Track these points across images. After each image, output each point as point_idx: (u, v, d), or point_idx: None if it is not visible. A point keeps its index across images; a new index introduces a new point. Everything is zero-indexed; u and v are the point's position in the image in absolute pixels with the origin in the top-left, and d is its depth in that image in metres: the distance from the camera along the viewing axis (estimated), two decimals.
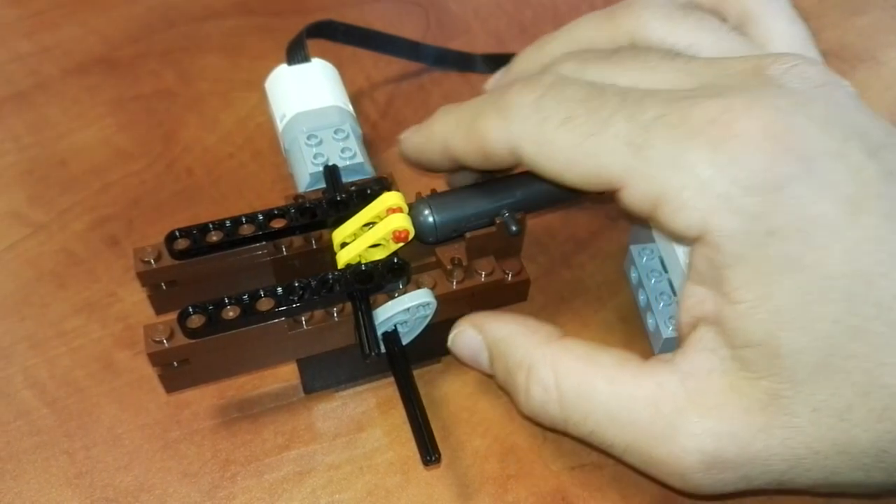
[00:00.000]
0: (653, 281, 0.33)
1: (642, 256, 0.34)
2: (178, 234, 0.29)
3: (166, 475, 0.30)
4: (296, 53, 0.39)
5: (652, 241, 0.34)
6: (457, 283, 0.30)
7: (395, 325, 0.29)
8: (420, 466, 0.30)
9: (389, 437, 0.31)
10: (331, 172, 0.33)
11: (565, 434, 0.27)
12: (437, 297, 0.29)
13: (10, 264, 0.36)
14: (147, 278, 0.29)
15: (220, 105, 0.44)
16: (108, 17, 0.49)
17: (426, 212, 0.30)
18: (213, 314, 0.27)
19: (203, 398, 0.32)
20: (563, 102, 0.25)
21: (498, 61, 0.42)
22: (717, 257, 0.23)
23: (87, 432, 0.31)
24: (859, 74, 0.47)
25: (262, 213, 0.30)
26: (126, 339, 0.33)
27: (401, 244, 0.29)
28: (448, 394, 0.32)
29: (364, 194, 0.31)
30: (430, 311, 0.30)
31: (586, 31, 0.30)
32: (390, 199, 0.30)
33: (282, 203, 0.31)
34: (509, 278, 0.31)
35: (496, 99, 0.27)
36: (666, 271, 0.33)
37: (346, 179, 0.33)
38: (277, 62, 0.40)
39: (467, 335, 0.29)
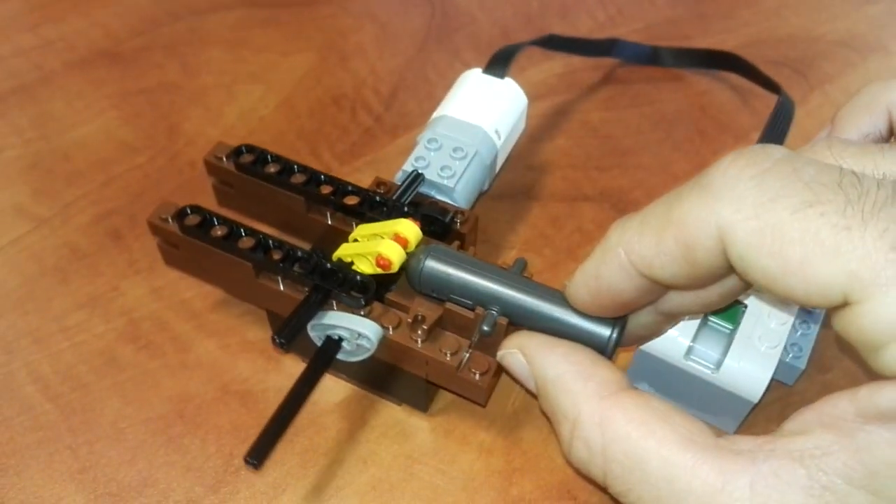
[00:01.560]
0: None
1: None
2: (244, 149, 0.33)
3: (170, 470, 0.29)
4: (496, 65, 0.38)
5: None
6: (418, 340, 0.28)
7: (339, 337, 0.28)
8: (424, 460, 0.30)
9: (394, 431, 0.30)
10: (411, 179, 0.32)
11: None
12: (384, 341, 0.28)
13: (14, 259, 0.36)
14: (211, 170, 0.33)
15: (224, 98, 0.44)
16: (112, 11, 0.48)
17: (421, 256, 0.28)
18: (206, 224, 0.30)
19: (206, 393, 0.31)
20: (800, 182, 0.19)
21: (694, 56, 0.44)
22: None
23: (91, 427, 0.30)
24: (869, 64, 0.46)
25: (318, 173, 0.32)
26: (129, 334, 0.33)
27: (381, 270, 0.28)
28: None
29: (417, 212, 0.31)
30: (368, 346, 0.28)
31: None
32: (403, 226, 0.29)
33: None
34: (470, 374, 0.27)
35: (699, 177, 0.21)
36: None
37: (432, 195, 0.33)
38: (281, 55, 0.40)
39: (516, 360, 0.26)
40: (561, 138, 0.42)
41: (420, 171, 0.33)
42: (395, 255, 0.28)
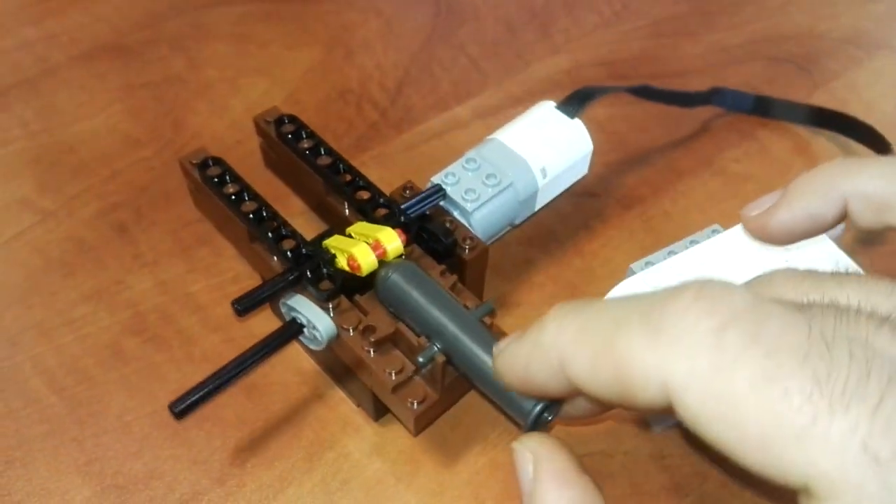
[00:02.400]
0: None
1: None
2: (286, 119, 0.34)
3: (176, 462, 0.29)
4: (571, 102, 0.36)
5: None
6: (369, 351, 0.28)
7: (300, 322, 0.29)
8: (431, 454, 0.30)
9: (399, 425, 0.31)
10: (429, 193, 0.32)
11: None
12: (336, 340, 0.28)
13: (19, 252, 0.36)
14: (258, 131, 0.36)
15: (228, 92, 0.43)
16: (116, 4, 0.48)
17: (390, 270, 0.28)
18: (222, 178, 0.32)
19: None
20: (762, 348, 0.17)
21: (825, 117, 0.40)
22: None
23: (97, 420, 0.31)
24: (875, 61, 0.46)
25: (342, 161, 0.33)
26: (135, 327, 0.33)
27: (350, 270, 0.29)
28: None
29: (423, 224, 0.31)
30: (320, 340, 0.28)
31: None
32: (385, 235, 0.29)
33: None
34: (406, 399, 0.27)
35: (648, 308, 0.18)
36: None
37: (455, 214, 0.32)
38: (285, 49, 0.40)
39: (523, 467, 0.22)
40: None
41: (444, 187, 0.32)
42: (365, 261, 0.28)
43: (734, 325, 0.17)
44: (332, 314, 0.28)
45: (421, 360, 0.26)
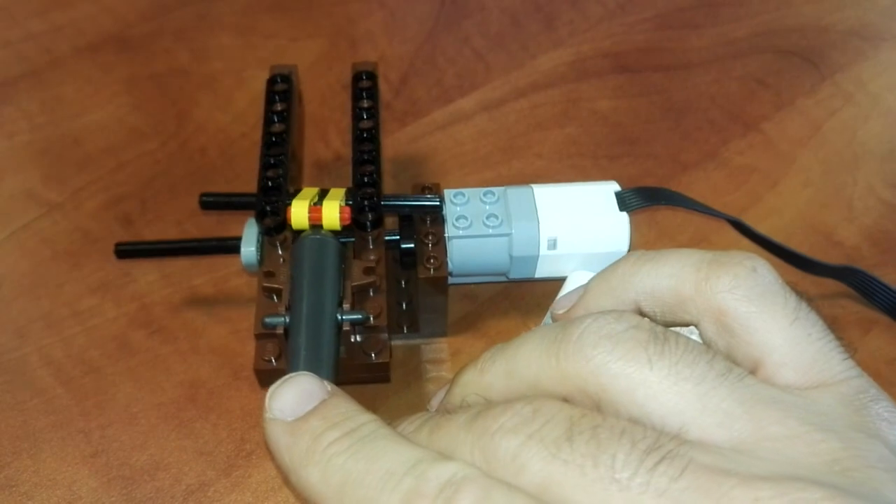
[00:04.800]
0: None
1: None
2: (364, 76, 0.34)
3: (182, 454, 0.30)
4: (634, 195, 0.31)
5: None
6: (263, 283, 0.28)
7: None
8: None
9: (399, 414, 0.31)
10: (425, 201, 0.31)
11: None
12: (251, 268, 0.30)
13: (26, 244, 0.36)
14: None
15: (233, 84, 0.44)
16: None
17: (307, 234, 0.28)
18: (285, 96, 0.34)
19: (217, 378, 0.32)
20: None
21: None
22: None
23: (103, 411, 0.31)
24: (881, 53, 0.46)
25: (374, 132, 0.33)
26: (141, 319, 0.33)
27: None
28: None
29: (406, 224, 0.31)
30: (242, 262, 0.30)
31: (529, 364, 0.21)
32: (330, 205, 0.29)
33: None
34: (258, 351, 0.27)
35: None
36: None
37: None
38: (290, 40, 0.40)
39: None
40: (570, 126, 0.42)
41: (451, 205, 0.31)
42: (297, 215, 0.29)
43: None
44: (257, 247, 0.30)
45: (266, 320, 0.27)
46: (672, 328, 0.20)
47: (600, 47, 0.46)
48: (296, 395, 0.21)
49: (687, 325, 0.22)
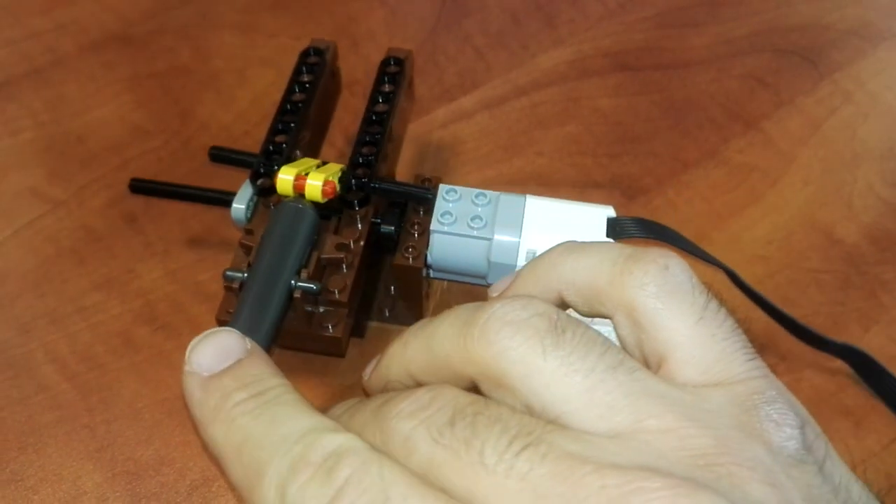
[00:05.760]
0: None
1: None
2: (392, 61, 0.36)
3: (186, 449, 0.30)
4: (627, 225, 0.31)
5: None
6: (241, 242, 0.30)
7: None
8: None
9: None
10: (419, 186, 0.32)
11: None
12: (239, 223, 0.31)
13: (30, 241, 0.36)
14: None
15: (235, 82, 0.44)
16: None
17: (288, 201, 0.29)
18: (315, 69, 0.35)
19: None
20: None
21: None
22: None
23: (108, 407, 0.31)
24: (880, 52, 0.46)
25: (386, 117, 0.34)
26: (146, 315, 0.34)
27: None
28: None
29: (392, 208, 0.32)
30: (232, 216, 0.31)
31: (443, 343, 0.21)
32: (314, 177, 0.29)
33: None
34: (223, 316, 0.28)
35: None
36: None
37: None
38: (293, 39, 0.40)
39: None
40: (571, 125, 0.42)
41: (442, 201, 0.31)
42: (284, 181, 0.30)
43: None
44: (248, 205, 0.31)
45: (227, 273, 0.27)
46: (588, 319, 0.21)
47: (601, 46, 0.46)
48: (214, 351, 0.21)
49: (604, 317, 0.22)
